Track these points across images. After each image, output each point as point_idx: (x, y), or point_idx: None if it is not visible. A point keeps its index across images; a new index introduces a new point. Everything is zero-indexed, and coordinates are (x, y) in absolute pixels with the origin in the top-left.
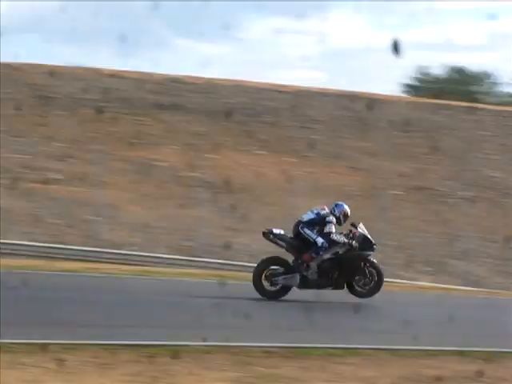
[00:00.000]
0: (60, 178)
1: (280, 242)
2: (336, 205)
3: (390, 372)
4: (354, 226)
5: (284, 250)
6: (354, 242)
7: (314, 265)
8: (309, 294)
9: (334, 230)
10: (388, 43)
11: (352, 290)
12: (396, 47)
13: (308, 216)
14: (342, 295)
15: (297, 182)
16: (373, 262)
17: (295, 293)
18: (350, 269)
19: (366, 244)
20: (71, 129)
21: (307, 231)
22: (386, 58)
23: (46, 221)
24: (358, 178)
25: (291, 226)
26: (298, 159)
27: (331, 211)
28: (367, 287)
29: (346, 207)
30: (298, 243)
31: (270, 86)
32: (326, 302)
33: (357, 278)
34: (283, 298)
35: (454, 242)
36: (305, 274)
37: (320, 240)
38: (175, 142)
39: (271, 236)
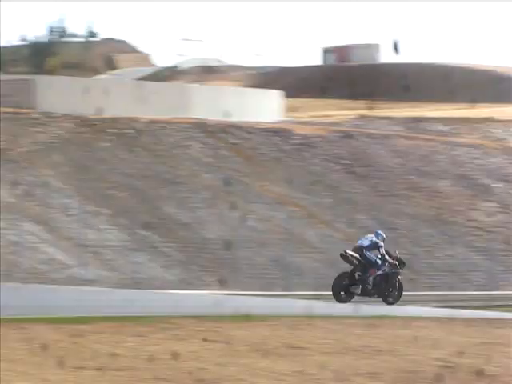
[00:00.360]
0: None
1: (354, 262)
2: (377, 233)
3: None
4: (388, 252)
5: (353, 266)
6: (396, 262)
7: (371, 279)
8: None
9: (385, 252)
10: None
11: (384, 299)
12: (396, 47)
13: (366, 242)
14: None
15: None
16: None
17: None
18: (391, 282)
19: (400, 263)
20: None
21: (369, 254)
22: None
23: None
24: None
25: None
26: None
27: (377, 238)
28: (394, 296)
29: (383, 234)
30: (363, 262)
31: None
32: None
33: (390, 289)
34: None
35: None
36: (366, 285)
37: (379, 261)
38: None
39: (350, 257)
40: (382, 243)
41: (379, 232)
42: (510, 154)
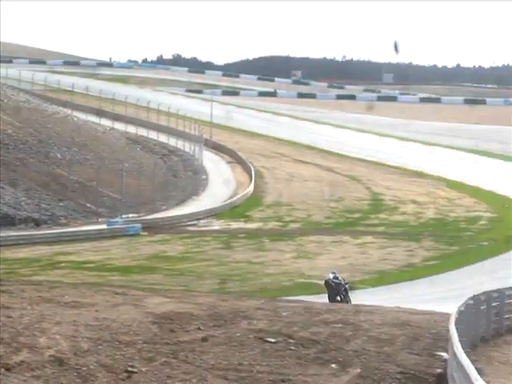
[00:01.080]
0: None
1: (332, 285)
2: (333, 272)
3: None
4: (344, 281)
5: (330, 287)
6: (347, 282)
7: (341, 293)
8: None
9: (342, 279)
10: None
11: (345, 302)
12: (396, 47)
13: (331, 276)
14: None
15: None
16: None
17: None
18: (347, 294)
19: (348, 282)
20: None
21: (336, 280)
22: None
23: None
24: None
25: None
26: None
27: (335, 273)
28: (349, 300)
29: (336, 271)
30: (335, 285)
31: None
32: None
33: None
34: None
35: None
36: (340, 296)
37: (342, 283)
38: None
39: (330, 283)
40: (338, 275)
41: (335, 271)
42: None
